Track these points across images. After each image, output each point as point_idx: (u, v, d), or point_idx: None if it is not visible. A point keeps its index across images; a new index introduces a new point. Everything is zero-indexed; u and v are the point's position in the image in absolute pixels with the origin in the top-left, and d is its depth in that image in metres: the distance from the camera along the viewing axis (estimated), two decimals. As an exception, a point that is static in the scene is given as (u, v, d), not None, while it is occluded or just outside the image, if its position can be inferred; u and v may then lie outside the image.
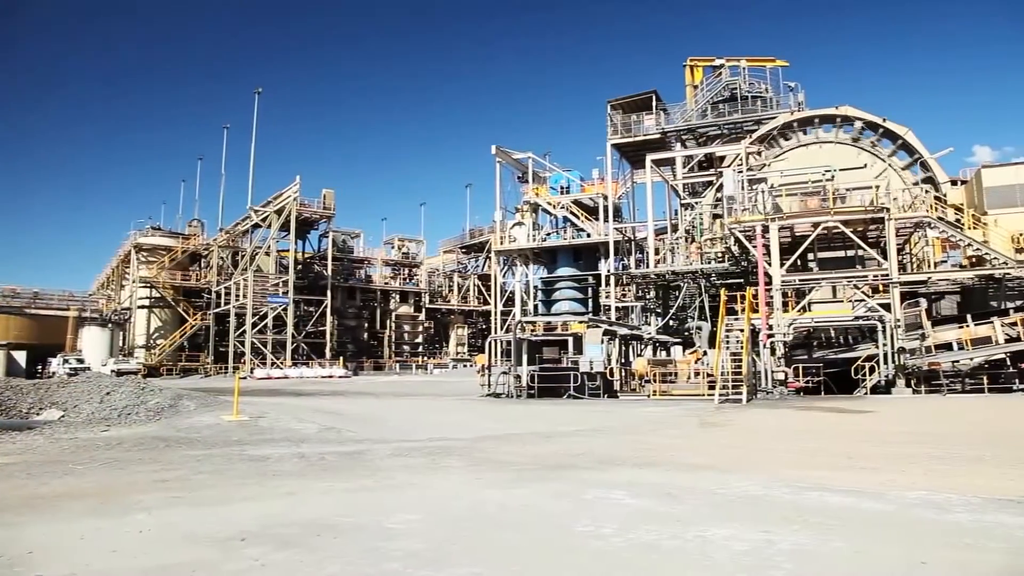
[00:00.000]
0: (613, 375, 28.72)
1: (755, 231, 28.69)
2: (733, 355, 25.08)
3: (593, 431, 14.88)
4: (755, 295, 27.21)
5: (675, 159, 40.52)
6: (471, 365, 60.03)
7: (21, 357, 50.47)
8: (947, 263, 33.98)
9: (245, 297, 55.84)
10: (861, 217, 28.18)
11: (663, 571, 4.83)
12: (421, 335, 75.79)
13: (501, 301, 52.65)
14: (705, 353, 29.41)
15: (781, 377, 26.31)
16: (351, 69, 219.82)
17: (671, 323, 37.25)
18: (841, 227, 28.04)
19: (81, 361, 48.25)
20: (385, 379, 51.99)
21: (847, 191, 30.41)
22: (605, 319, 35.33)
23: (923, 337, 26.78)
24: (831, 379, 28.27)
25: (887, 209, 27.82)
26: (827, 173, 31.61)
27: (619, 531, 5.79)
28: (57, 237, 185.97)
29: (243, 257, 61.57)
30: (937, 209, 31.23)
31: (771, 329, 27.24)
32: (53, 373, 43.76)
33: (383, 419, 19.17)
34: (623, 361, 31.53)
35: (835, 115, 36.74)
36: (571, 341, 28.92)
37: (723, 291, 27.26)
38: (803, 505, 6.82)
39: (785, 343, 27.61)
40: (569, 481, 8.41)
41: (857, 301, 28.00)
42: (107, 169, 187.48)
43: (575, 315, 39.35)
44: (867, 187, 29.98)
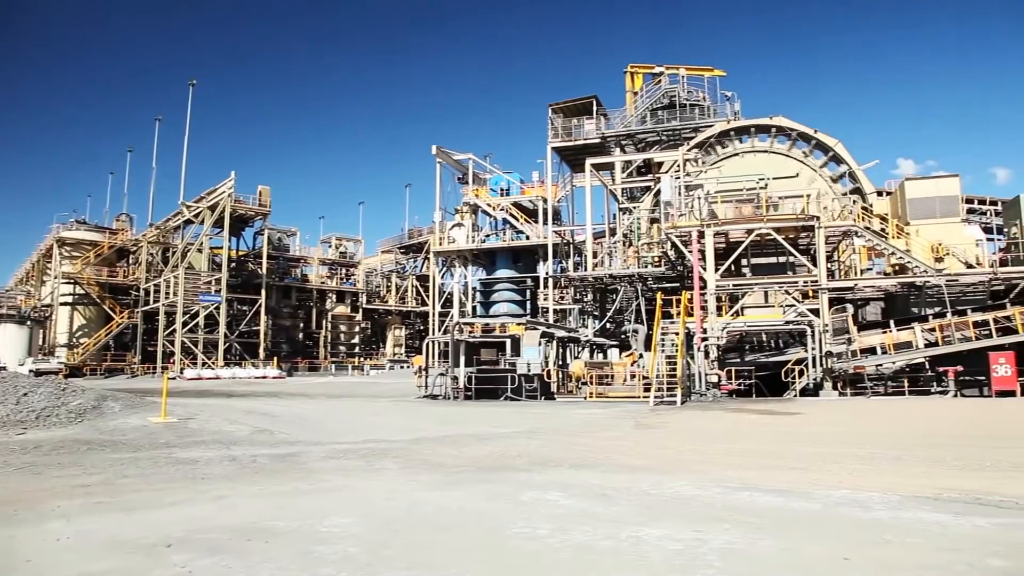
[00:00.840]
0: (550, 377, 28.88)
1: (691, 236, 29.23)
2: (668, 358, 25.49)
3: (530, 433, 14.92)
4: (690, 299, 27.72)
5: (614, 164, 41.03)
6: (408, 366, 59.59)
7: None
8: (872, 270, 35.19)
9: (176, 295, 54.32)
10: (793, 225, 28.99)
11: (597, 571, 4.85)
12: (358, 335, 74.92)
13: (439, 302, 52.39)
14: (641, 356, 29.81)
15: (715, 380, 26.88)
16: (290, 65, 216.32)
17: (608, 326, 37.67)
18: (774, 234, 28.78)
19: (-5, 360, 46.09)
20: (320, 380, 51.19)
21: (780, 199, 31.25)
22: (543, 321, 35.52)
23: (849, 341, 27.69)
24: (762, 382, 29.01)
25: (817, 218, 28.69)
26: (761, 181, 32.43)
27: (554, 532, 5.81)
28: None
29: (174, 254, 59.77)
30: (864, 219, 32.45)
31: (705, 333, 27.79)
32: (-34, 373, 41.68)
33: (318, 421, 18.86)
34: (560, 363, 31.77)
35: (769, 125, 37.78)
36: (509, 343, 28.99)
37: (659, 295, 27.70)
38: (734, 505, 6.96)
39: (719, 346, 28.21)
40: (505, 483, 8.40)
41: (788, 306, 28.79)
42: (28, 159, 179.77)
43: (513, 317, 39.49)
44: (799, 196, 30.85)
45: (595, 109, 43.94)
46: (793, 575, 4.74)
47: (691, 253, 29.19)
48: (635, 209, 39.36)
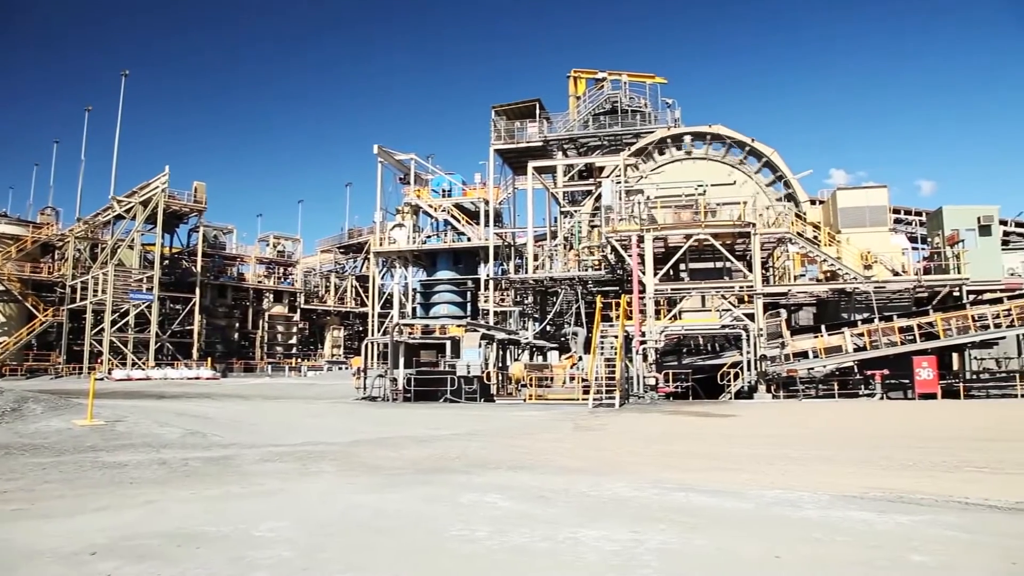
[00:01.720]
0: (490, 379, 28.87)
1: (631, 241, 29.60)
2: (607, 361, 25.74)
3: (469, 435, 14.88)
4: (629, 303, 28.10)
5: (556, 167, 41.36)
6: (347, 368, 58.94)
7: None
8: (805, 276, 36.23)
9: (104, 293, 52.44)
10: (730, 231, 29.63)
11: (534, 572, 4.85)
12: (295, 336, 73.67)
13: (379, 303, 51.90)
14: (580, 358, 30.04)
15: (652, 382, 27.26)
16: (229, 61, 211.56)
17: (548, 328, 37.87)
18: (711, 239, 29.37)
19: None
20: (256, 381, 50.14)
21: (718, 206, 31.93)
22: (483, 323, 35.50)
23: (783, 346, 28.44)
24: (699, 384, 29.55)
25: (753, 224, 29.39)
26: (699, 188, 33.04)
27: (492, 534, 5.79)
28: None
29: (103, 250, 57.73)
30: (797, 226, 33.39)
31: (644, 336, 28.18)
32: None
33: (253, 423, 18.45)
34: (500, 365, 31.77)
35: (708, 133, 38.61)
36: (449, 344, 28.89)
37: (599, 298, 28.02)
38: (670, 505, 7.06)
39: (657, 350, 28.63)
40: (444, 485, 8.35)
41: (724, 310, 29.41)
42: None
43: (453, 319, 39.40)
44: (736, 203, 31.56)
45: (538, 112, 44.19)
46: (727, 573, 4.82)
47: (631, 257, 29.57)
48: (576, 213, 39.69)
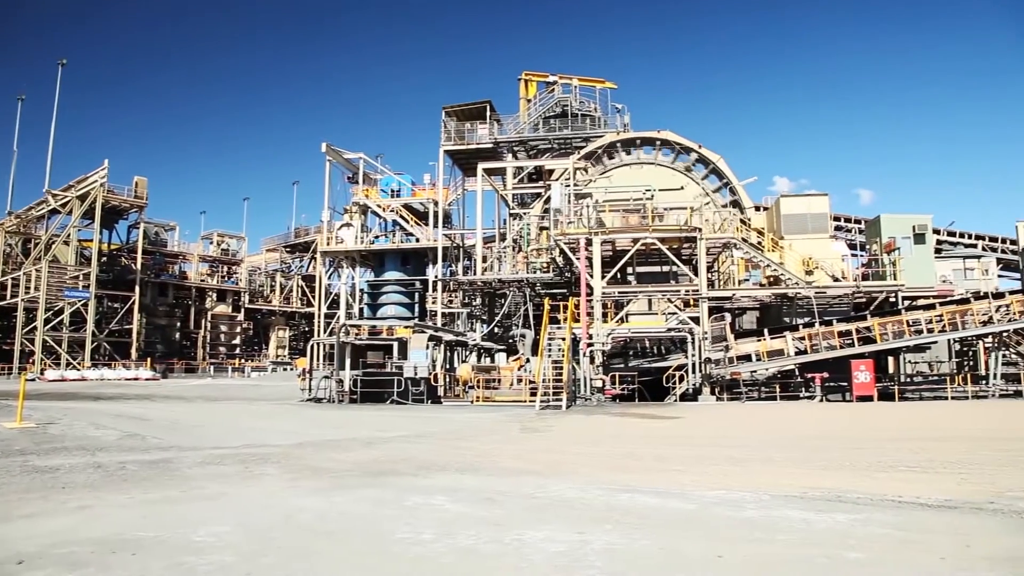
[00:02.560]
0: (437, 381, 28.75)
1: (579, 244, 29.80)
2: (555, 363, 25.86)
3: (416, 437, 14.78)
4: (577, 305, 28.27)
5: (506, 169, 41.43)
6: (292, 369, 58.04)
7: None
8: (749, 281, 36.93)
9: (37, 290, 50.73)
10: (676, 235, 30.05)
11: (481, 574, 4.84)
12: (239, 336, 72.27)
13: (325, 303, 51.27)
14: (528, 360, 30.13)
15: (599, 384, 27.47)
16: (173, 53, 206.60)
17: (496, 330, 37.88)
18: (658, 244, 29.75)
19: None
20: (198, 382, 49.01)
21: (665, 210, 32.37)
22: (431, 324, 35.33)
23: (727, 349, 28.93)
24: (645, 387, 29.86)
25: (699, 229, 29.88)
26: (647, 192, 33.47)
27: (439, 536, 5.76)
28: None
29: (36, 245, 55.81)
30: (742, 232, 34.05)
31: (591, 338, 28.39)
32: None
33: (194, 425, 18.02)
34: (448, 367, 31.68)
35: (656, 138, 39.14)
36: (396, 346, 28.67)
37: (547, 300, 28.13)
38: (616, 506, 7.11)
39: (604, 352, 28.87)
40: (390, 487, 8.27)
41: (670, 314, 29.80)
42: None
43: (401, 320, 39.11)
44: (683, 208, 32.04)
45: (489, 114, 44.22)
46: (670, 573, 4.87)
47: (579, 260, 29.77)
48: (525, 215, 39.82)
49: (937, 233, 47.22)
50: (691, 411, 23.21)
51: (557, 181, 35.92)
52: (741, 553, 5.30)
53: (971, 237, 53.85)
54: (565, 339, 26.50)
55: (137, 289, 58.14)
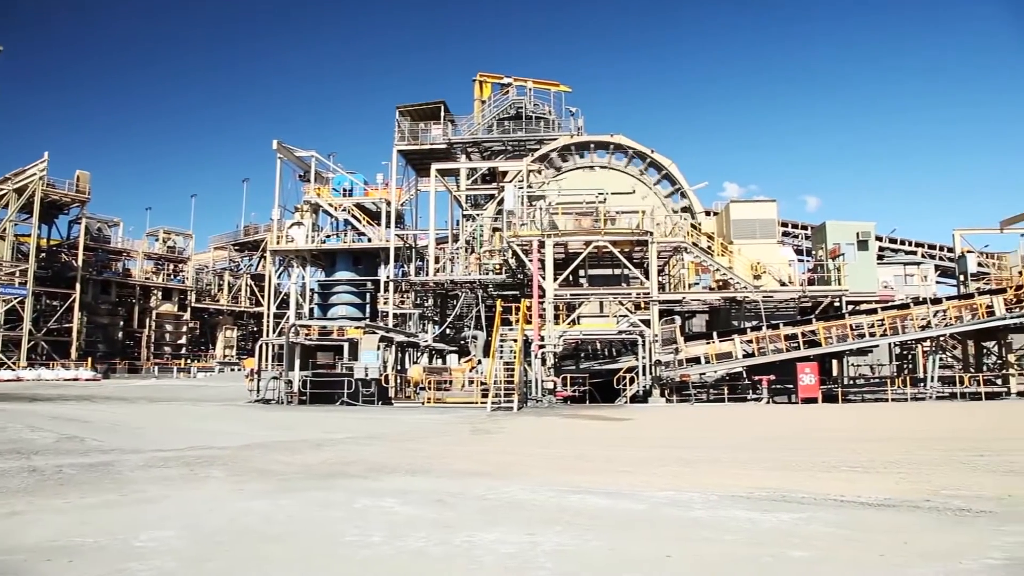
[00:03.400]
0: (388, 382, 28.57)
1: (532, 246, 29.90)
2: (506, 364, 25.90)
3: (366, 438, 14.65)
4: (529, 307, 28.35)
5: (460, 170, 41.35)
6: (239, 369, 57.00)
7: None
8: (699, 285, 37.43)
9: (-30, 287, 48.98)
10: (628, 239, 30.35)
11: (430, 577, 4.81)
12: (185, 336, 70.67)
13: (275, 303, 50.46)
14: (480, 362, 30.11)
15: (550, 386, 27.59)
16: (119, 45, 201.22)
17: (448, 331, 37.76)
18: (610, 247, 30.01)
19: None
20: (141, 383, 47.81)
21: (617, 214, 32.65)
22: (382, 325, 35.06)
23: (677, 351, 29.34)
24: (596, 388, 30.10)
25: (651, 233, 30.22)
26: (600, 196, 33.73)
27: (388, 539, 5.71)
28: None
29: (-31, 241, 53.90)
30: (693, 236, 34.55)
31: (543, 340, 28.48)
32: None
33: (137, 426, 17.57)
34: (399, 368, 31.48)
35: (610, 142, 39.52)
36: (347, 346, 28.40)
37: (499, 302, 28.15)
38: (566, 507, 7.13)
39: (555, 354, 29.01)
40: (339, 490, 8.18)
41: (621, 316, 30.08)
42: None
43: (352, 320, 38.69)
44: (635, 211, 32.38)
45: (443, 115, 44.06)
46: (620, 574, 4.89)
47: (531, 262, 29.86)
48: (478, 216, 39.78)
49: (880, 240, 48.65)
50: (641, 413, 23.45)
51: (511, 183, 35.97)
52: (690, 553, 5.36)
53: (911, 244, 55.65)
54: (517, 341, 26.56)
55: (78, 286, 56.42)
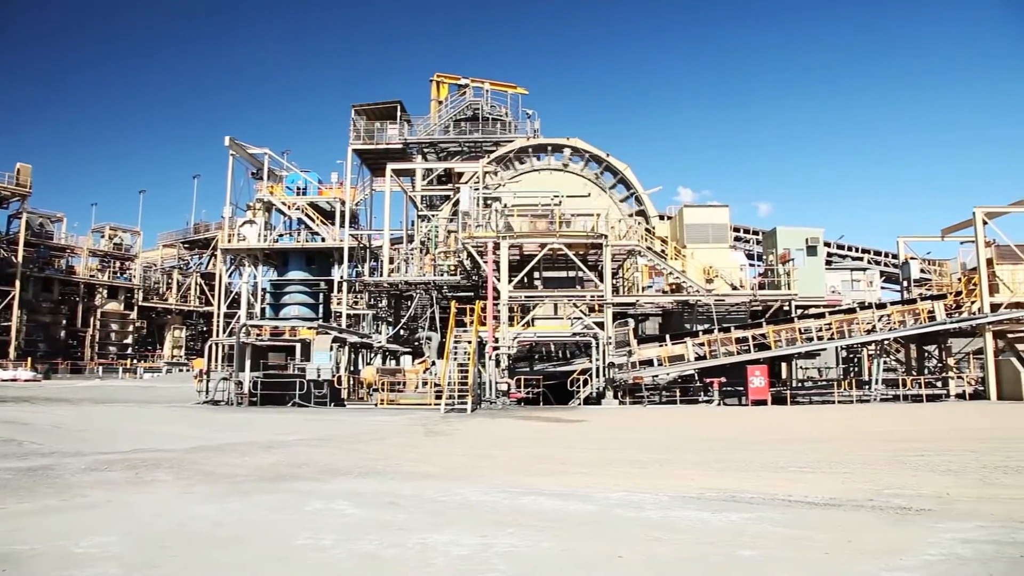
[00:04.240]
0: (341, 383, 28.30)
1: (487, 247, 29.89)
2: (460, 366, 25.83)
3: (318, 440, 14.49)
4: (484, 308, 28.34)
5: (416, 171, 41.16)
6: (188, 370, 55.89)
7: None
8: (653, 288, 37.90)
9: (-95, 283, 47.14)
10: (583, 242, 30.54)
11: (382, 580, 4.77)
12: (132, 335, 69.05)
13: (225, 302, 49.54)
14: (434, 363, 29.98)
15: (504, 388, 27.61)
16: (65, 36, 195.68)
17: (402, 333, 37.53)
18: (565, 249, 30.15)
19: None
20: (85, 383, 46.56)
21: (572, 216, 32.82)
22: (335, 326, 34.70)
23: (630, 354, 29.60)
24: (550, 390, 30.20)
25: (605, 236, 30.45)
26: (556, 198, 33.88)
27: (340, 542, 5.65)
28: None
29: (-97, 236, 51.94)
30: (647, 240, 34.95)
31: (497, 342, 28.49)
32: None
33: (79, 429, 17.09)
34: (352, 369, 31.19)
35: (566, 145, 39.76)
36: (299, 347, 28.08)
37: (454, 303, 28.08)
38: (519, 508, 7.14)
39: (510, 356, 29.03)
40: (290, 493, 8.07)
41: (575, 318, 30.25)
42: None
43: (305, 320, 38.23)
44: (590, 215, 32.59)
45: (399, 114, 43.82)
46: (572, 574, 4.92)
47: (486, 264, 29.85)
48: (434, 217, 39.66)
49: (828, 246, 49.87)
50: (595, 414, 23.61)
51: (466, 184, 35.90)
52: (641, 553, 5.41)
53: (858, 251, 57.10)
54: (471, 342, 26.50)
55: (17, 283, 54.78)
